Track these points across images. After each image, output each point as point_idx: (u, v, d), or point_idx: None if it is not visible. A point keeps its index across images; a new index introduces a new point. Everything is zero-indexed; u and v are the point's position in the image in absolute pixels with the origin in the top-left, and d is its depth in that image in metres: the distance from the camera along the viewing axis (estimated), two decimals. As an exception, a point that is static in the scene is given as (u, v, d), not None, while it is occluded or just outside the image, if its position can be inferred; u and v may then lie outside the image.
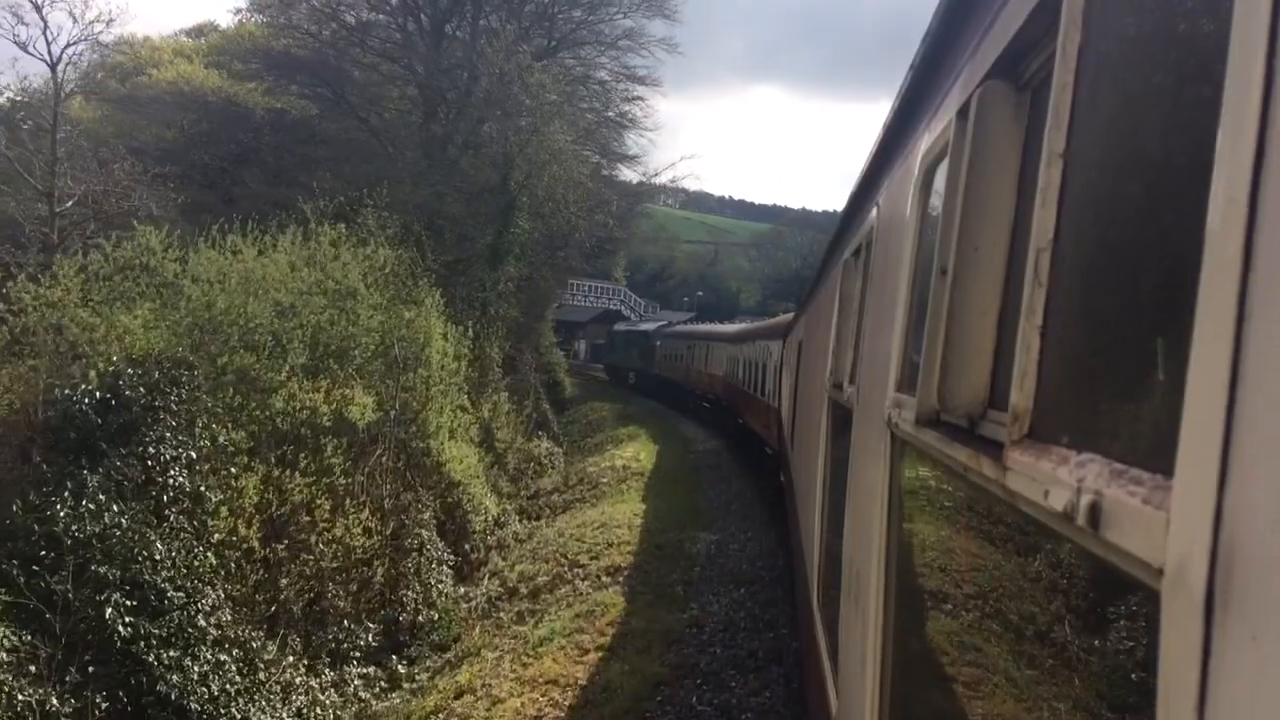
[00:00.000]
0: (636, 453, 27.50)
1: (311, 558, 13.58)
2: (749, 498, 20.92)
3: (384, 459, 16.90)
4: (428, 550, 16.48)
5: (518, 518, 21.80)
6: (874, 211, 3.66)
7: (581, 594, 14.07)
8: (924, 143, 2.38)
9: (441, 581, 16.26)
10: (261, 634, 11.98)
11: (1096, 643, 1.14)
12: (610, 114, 43.23)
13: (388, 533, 15.87)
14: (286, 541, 13.39)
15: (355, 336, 17.72)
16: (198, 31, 43.16)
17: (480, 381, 26.50)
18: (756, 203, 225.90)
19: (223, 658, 10.96)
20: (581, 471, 26.40)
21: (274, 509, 13.52)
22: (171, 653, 10.41)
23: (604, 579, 14.57)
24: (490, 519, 20.44)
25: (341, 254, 18.79)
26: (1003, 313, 1.64)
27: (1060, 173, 1.27)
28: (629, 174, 46.27)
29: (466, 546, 18.90)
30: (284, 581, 12.97)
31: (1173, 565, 0.77)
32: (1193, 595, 0.72)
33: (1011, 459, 1.25)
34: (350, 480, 15.66)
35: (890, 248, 2.99)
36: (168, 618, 10.67)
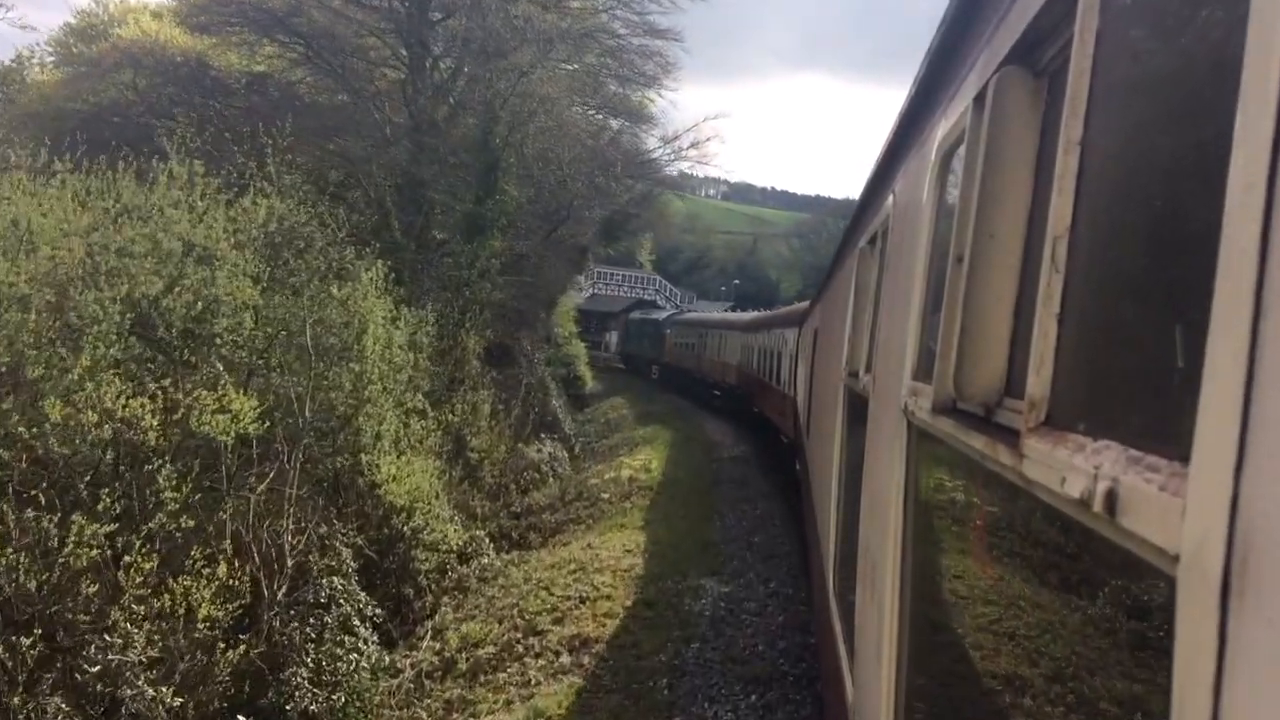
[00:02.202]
0: (649, 460, 23.96)
1: (117, 641, 9.09)
2: (777, 526, 16.74)
3: (281, 484, 12.81)
4: (341, 605, 12.27)
5: (492, 545, 17.75)
6: (890, 199, 3.64)
7: (528, 683, 10.50)
8: (940, 129, 2.37)
9: (356, 650, 11.76)
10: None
11: (1113, 629, 1.14)
12: (625, 72, 37.77)
13: (277, 587, 11.77)
14: (40, 630, 8.72)
15: (217, 318, 13.02)
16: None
17: (453, 377, 22.46)
18: (799, 193, 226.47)
19: None
20: (581, 484, 22.51)
21: (21, 580, 8.84)
22: None
23: (563, 658, 10.82)
24: (451, 552, 16.31)
25: (195, 201, 13.58)
26: (1019, 301, 1.63)
27: (1077, 160, 1.27)
28: (649, 140, 40.98)
29: (409, 592, 14.78)
30: (17, 698, 8.36)
31: (1189, 552, 0.77)
32: (1209, 582, 0.73)
33: (1028, 446, 1.25)
34: (207, 520, 11.35)
35: (906, 235, 2.98)
36: None
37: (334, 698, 10.96)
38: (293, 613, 11.83)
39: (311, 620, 11.77)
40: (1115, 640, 1.13)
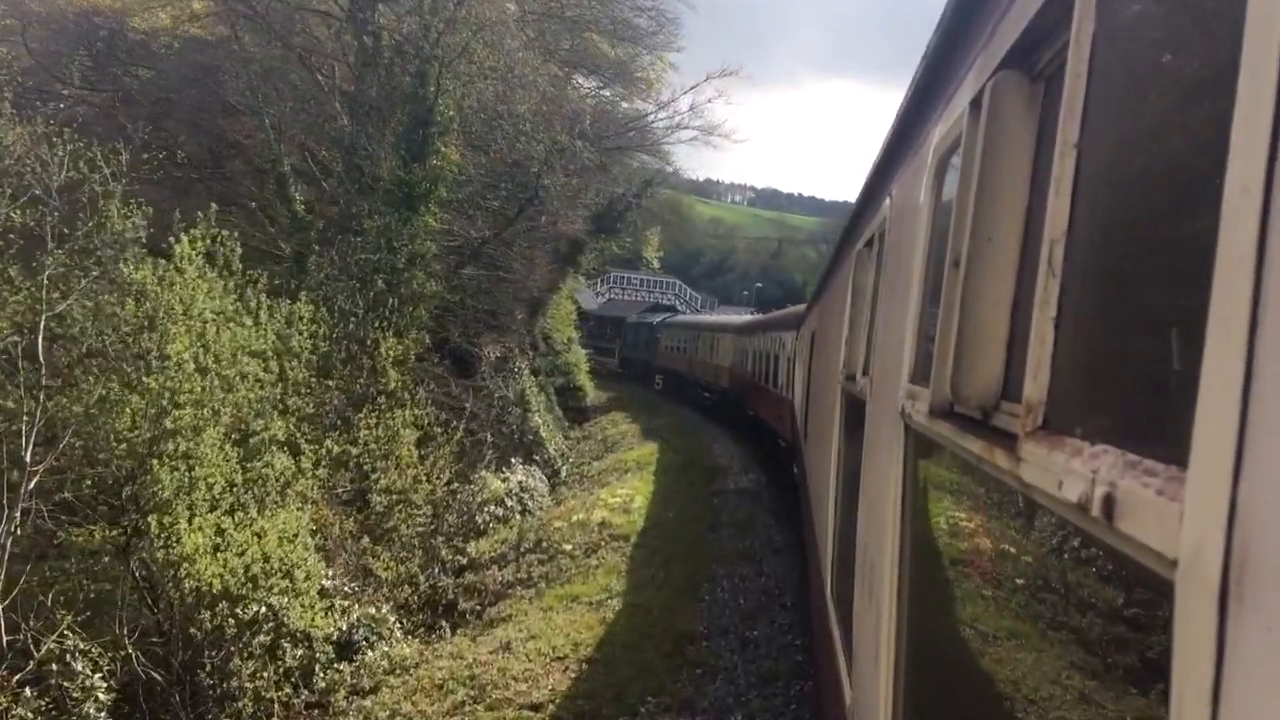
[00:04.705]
0: (631, 495, 19.41)
1: None
2: (787, 610, 11.85)
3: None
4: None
5: (400, 623, 12.95)
6: (887, 202, 3.65)
7: None
8: (937, 133, 2.37)
9: None
10: None
11: (1111, 634, 1.14)
12: (614, 27, 32.61)
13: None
14: None
15: None
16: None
17: (361, 395, 17.20)
18: (827, 199, 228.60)
19: None
20: (543, 530, 17.76)
21: None
22: None
23: None
24: (330, 640, 11.61)
25: None
26: (1016, 304, 1.63)
27: (1074, 163, 1.27)
28: (642, 105, 35.99)
29: (227, 721, 10.18)
30: None
31: (1187, 557, 0.77)
32: (1207, 587, 0.72)
33: (1025, 450, 1.25)
34: None
35: (903, 238, 2.98)
36: None
37: None
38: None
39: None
40: (1113, 645, 1.13)
